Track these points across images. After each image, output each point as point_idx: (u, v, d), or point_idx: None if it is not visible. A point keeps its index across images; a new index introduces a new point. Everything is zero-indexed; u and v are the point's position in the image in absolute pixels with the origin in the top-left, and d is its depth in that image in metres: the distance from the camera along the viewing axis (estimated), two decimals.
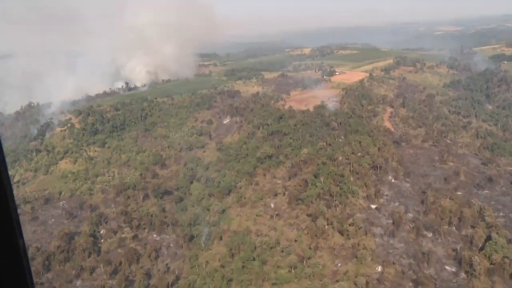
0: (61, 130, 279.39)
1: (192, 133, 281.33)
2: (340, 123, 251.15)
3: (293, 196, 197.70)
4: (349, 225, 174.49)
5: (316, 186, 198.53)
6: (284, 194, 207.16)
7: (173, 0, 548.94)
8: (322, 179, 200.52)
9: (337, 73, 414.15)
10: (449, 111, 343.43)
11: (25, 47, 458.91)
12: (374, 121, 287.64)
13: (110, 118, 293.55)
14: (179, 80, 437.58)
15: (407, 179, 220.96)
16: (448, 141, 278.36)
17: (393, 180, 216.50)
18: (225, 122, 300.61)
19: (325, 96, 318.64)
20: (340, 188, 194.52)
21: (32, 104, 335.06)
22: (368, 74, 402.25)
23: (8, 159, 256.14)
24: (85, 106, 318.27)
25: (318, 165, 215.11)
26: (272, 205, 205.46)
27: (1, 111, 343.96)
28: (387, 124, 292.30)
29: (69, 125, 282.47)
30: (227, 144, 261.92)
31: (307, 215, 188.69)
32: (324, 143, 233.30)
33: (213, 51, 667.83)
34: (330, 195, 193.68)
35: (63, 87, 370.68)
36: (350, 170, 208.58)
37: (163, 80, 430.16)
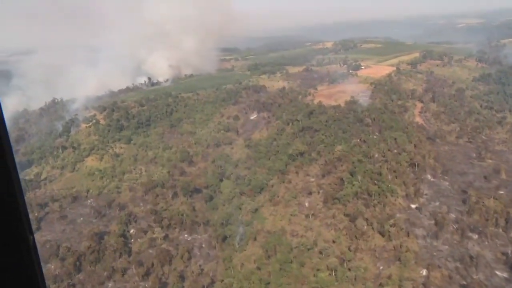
0: (86, 127, 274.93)
1: (219, 129, 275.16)
2: (374, 119, 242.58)
3: (329, 195, 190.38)
4: (390, 226, 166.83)
5: (353, 185, 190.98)
6: (318, 192, 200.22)
7: None
8: (359, 177, 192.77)
9: (362, 67, 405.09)
10: (481, 106, 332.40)
11: (46, 43, 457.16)
12: (406, 116, 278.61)
13: (135, 114, 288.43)
14: (202, 75, 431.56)
15: (446, 177, 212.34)
16: (483, 137, 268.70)
17: (431, 179, 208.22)
18: (252, 117, 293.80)
19: (354, 91, 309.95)
20: (379, 187, 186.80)
21: (56, 100, 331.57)
22: (394, 68, 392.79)
23: (34, 156, 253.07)
24: (109, 102, 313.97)
25: (353, 162, 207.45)
26: (306, 204, 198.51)
27: (25, 107, 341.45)
28: (418, 119, 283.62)
29: (94, 121, 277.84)
30: (255, 141, 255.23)
31: (344, 215, 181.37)
32: (358, 140, 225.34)
33: (233, 45, 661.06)
34: (368, 194, 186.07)
35: (85, 83, 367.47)
36: (387, 168, 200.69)
37: (185, 75, 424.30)
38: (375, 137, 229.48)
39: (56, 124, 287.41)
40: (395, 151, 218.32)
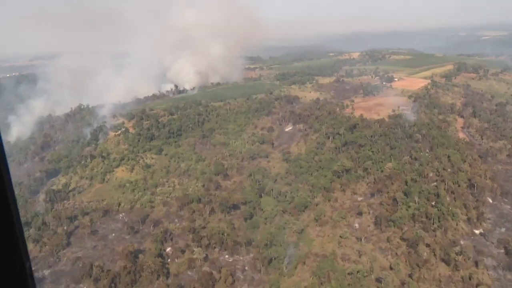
0: (115, 135, 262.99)
1: (253, 141, 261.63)
2: (424, 135, 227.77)
3: (382, 216, 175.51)
4: (456, 254, 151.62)
5: (409, 206, 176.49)
6: (369, 213, 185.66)
7: (215, 1, 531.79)
8: (416, 198, 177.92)
9: (396, 79, 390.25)
10: None
11: (70, 48, 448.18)
12: (449, 132, 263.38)
13: (166, 123, 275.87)
14: (229, 83, 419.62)
15: (505, 200, 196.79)
16: None
17: (491, 201, 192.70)
18: (287, 129, 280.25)
19: (393, 104, 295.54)
20: (438, 210, 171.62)
21: (82, 106, 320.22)
22: (429, 81, 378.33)
23: (62, 165, 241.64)
24: (137, 109, 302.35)
25: (406, 182, 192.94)
26: (356, 226, 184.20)
27: (50, 112, 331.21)
28: (462, 135, 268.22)
29: (123, 129, 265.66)
30: (294, 154, 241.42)
31: (401, 239, 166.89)
32: (409, 157, 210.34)
33: (256, 54, 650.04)
34: (427, 217, 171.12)
35: (111, 89, 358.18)
36: (444, 189, 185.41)
37: (212, 83, 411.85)
38: (426, 154, 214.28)
39: (83, 131, 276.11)
40: (449, 170, 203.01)
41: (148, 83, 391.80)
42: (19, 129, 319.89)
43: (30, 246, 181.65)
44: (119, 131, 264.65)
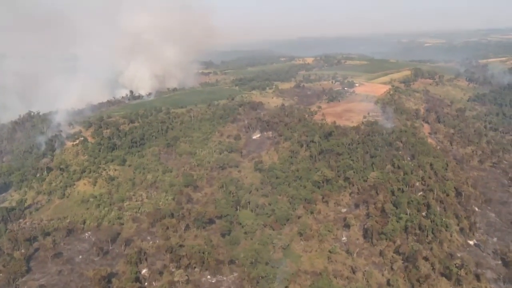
0: (72, 145, 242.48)
1: (221, 149, 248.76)
2: (404, 142, 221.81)
3: (373, 229, 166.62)
4: (457, 267, 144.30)
5: (400, 218, 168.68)
6: (356, 225, 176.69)
7: (168, 5, 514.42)
8: (406, 209, 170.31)
9: (356, 85, 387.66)
10: (485, 127, 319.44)
11: (19, 51, 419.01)
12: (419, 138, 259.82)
13: (127, 132, 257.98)
14: (186, 89, 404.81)
15: (489, 208, 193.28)
16: (505, 161, 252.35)
17: (477, 209, 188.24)
18: (254, 137, 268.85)
19: (362, 110, 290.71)
20: (431, 221, 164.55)
21: (32, 113, 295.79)
22: (389, 86, 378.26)
23: (13, 179, 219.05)
24: (93, 116, 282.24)
25: (392, 191, 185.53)
26: (344, 239, 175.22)
27: None
28: (431, 141, 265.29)
29: (82, 138, 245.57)
30: (267, 164, 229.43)
31: (396, 253, 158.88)
32: (391, 166, 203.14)
33: (207, 59, 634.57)
34: (420, 229, 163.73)
35: (61, 94, 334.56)
36: (433, 198, 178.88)
37: (168, 89, 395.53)
38: (409, 162, 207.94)
39: (36, 140, 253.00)
40: (434, 178, 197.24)
41: (101, 88, 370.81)
42: None
43: None
44: (77, 141, 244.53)
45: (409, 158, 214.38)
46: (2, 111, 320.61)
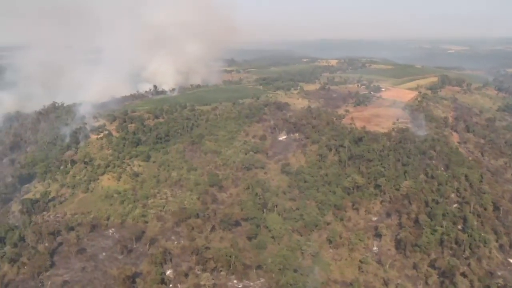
0: (97, 138, 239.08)
1: (246, 149, 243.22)
2: (438, 152, 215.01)
3: (407, 240, 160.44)
4: (498, 287, 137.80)
5: (435, 230, 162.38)
6: (388, 235, 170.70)
7: (191, 0, 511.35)
8: (442, 222, 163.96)
9: (383, 89, 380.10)
10: None
11: (43, 42, 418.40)
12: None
13: (152, 127, 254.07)
14: (209, 86, 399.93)
15: None
16: None
17: None
18: (280, 138, 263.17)
19: (391, 116, 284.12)
20: (469, 235, 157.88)
21: (56, 104, 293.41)
22: (416, 93, 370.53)
23: (37, 170, 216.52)
24: (118, 110, 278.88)
25: (426, 202, 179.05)
26: (375, 249, 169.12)
27: (19, 108, 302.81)
28: (462, 151, 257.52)
29: (106, 132, 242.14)
30: (295, 167, 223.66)
31: (430, 266, 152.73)
32: (425, 176, 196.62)
33: (229, 56, 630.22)
34: (457, 243, 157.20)
35: (85, 86, 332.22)
36: (470, 212, 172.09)
37: (192, 85, 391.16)
38: (444, 173, 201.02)
39: (60, 132, 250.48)
40: (469, 190, 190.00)
41: (124, 81, 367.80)
42: None
43: (5, 266, 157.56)
44: (101, 134, 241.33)
45: (442, 168, 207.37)
46: (27, 100, 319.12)
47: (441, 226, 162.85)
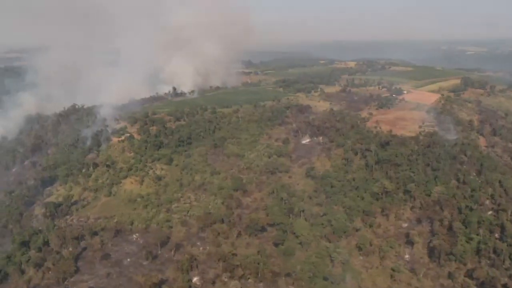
0: (118, 141, 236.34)
1: (270, 153, 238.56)
2: (469, 156, 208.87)
3: (442, 248, 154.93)
4: None
5: (471, 239, 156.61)
6: (419, 242, 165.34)
7: (208, 1, 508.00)
8: (477, 230, 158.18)
9: (404, 92, 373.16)
10: None
11: (62, 43, 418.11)
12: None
13: (174, 130, 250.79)
14: (228, 87, 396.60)
15: None
16: None
17: None
18: (303, 142, 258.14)
19: (415, 119, 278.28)
20: (509, 245, 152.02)
21: (77, 106, 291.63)
22: (439, 95, 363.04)
23: (59, 173, 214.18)
24: (139, 112, 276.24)
25: (459, 209, 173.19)
26: (407, 257, 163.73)
27: (39, 110, 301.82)
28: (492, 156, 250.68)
29: (127, 135, 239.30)
30: (320, 171, 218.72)
31: (467, 276, 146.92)
32: (456, 181, 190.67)
33: (245, 58, 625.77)
34: (495, 252, 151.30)
35: (104, 88, 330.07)
36: (507, 219, 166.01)
37: (211, 87, 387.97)
38: (477, 179, 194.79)
39: (81, 134, 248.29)
40: (504, 197, 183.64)
41: (143, 83, 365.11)
42: (3, 128, 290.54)
43: (30, 271, 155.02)
44: (123, 137, 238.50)
45: (474, 174, 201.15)
46: (46, 101, 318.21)
47: (477, 235, 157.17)
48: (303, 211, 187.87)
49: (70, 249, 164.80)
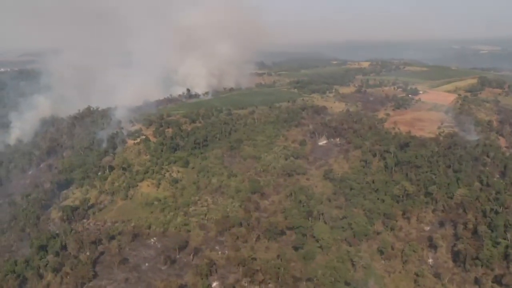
0: (134, 143, 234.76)
1: (286, 155, 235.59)
2: (492, 158, 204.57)
3: (467, 253, 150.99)
4: None
5: (497, 243, 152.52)
6: (443, 246, 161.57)
7: (219, 2, 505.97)
8: (505, 234, 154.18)
9: (420, 92, 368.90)
10: None
11: (75, 45, 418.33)
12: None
13: (190, 132, 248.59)
14: (242, 89, 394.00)
15: None
16: None
17: None
18: (320, 143, 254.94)
19: (433, 119, 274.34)
20: None
21: (91, 108, 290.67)
22: (456, 95, 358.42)
23: (75, 176, 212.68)
24: (153, 114, 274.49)
25: (483, 212, 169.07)
26: (430, 261, 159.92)
27: (53, 112, 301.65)
28: None
29: (143, 137, 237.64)
30: (338, 173, 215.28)
31: (495, 282, 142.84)
32: (479, 183, 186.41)
33: (258, 59, 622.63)
34: None
35: (118, 90, 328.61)
36: None
37: (225, 88, 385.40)
38: (500, 181, 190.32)
39: (96, 137, 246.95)
40: None
41: (156, 85, 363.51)
42: (19, 130, 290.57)
43: (48, 276, 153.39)
44: (138, 139, 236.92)
45: (498, 176, 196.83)
46: (60, 104, 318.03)
47: (505, 239, 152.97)
48: (322, 214, 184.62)
49: (88, 253, 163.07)
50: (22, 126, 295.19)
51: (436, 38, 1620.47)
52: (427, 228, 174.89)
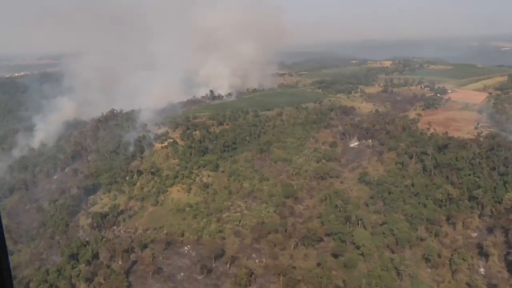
0: (162, 147, 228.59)
1: (318, 157, 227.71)
2: None
3: None
4: None
5: None
6: (494, 254, 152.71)
7: (240, 2, 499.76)
8: None
9: (449, 91, 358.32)
10: None
11: (96, 48, 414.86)
12: None
13: (218, 135, 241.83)
14: (265, 89, 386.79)
15: None
16: None
17: None
18: (351, 145, 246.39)
19: (467, 119, 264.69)
20: None
21: (115, 111, 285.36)
22: (486, 94, 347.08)
23: (102, 181, 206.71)
24: (179, 117, 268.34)
25: None
26: (481, 270, 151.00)
27: (77, 115, 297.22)
28: None
29: (171, 140, 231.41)
30: (374, 176, 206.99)
31: None
32: None
33: (277, 59, 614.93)
34: None
35: (141, 92, 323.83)
36: None
37: (248, 89, 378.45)
38: None
39: (122, 140, 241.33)
40: None
41: (179, 86, 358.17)
42: (43, 133, 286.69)
43: (81, 286, 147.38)
44: (166, 142, 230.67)
45: None
46: (84, 106, 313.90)
47: None
48: (361, 219, 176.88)
49: (120, 262, 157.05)
50: (46, 128, 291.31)
51: (452, 36, 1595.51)
52: (474, 235, 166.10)
